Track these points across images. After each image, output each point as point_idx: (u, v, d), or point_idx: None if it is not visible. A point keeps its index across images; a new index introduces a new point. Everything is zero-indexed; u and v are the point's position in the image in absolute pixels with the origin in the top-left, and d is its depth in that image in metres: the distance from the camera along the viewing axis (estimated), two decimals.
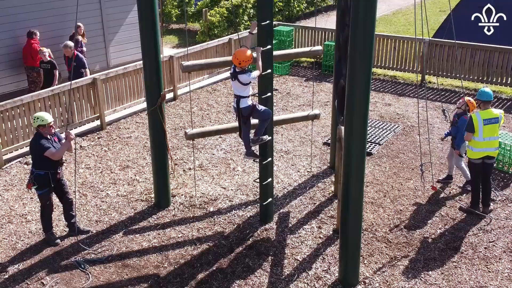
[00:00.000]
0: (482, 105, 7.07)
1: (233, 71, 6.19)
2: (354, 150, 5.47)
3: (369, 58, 5.12)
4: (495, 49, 11.70)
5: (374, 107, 11.17)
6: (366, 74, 5.17)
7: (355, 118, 5.33)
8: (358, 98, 5.28)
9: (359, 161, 5.50)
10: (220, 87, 12.55)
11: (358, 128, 5.38)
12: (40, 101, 9.05)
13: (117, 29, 12.97)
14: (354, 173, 5.54)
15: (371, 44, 5.07)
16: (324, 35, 13.91)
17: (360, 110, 5.30)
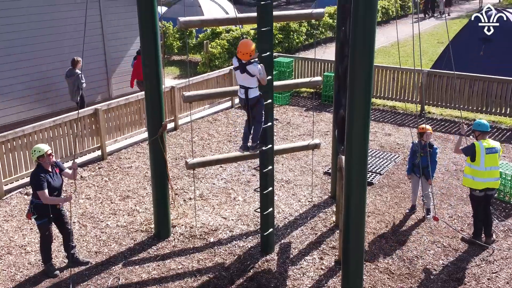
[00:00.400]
0: (480, 136, 7.08)
1: (240, 63, 6.06)
2: (355, 180, 5.47)
3: (368, 88, 5.18)
4: (493, 79, 11.81)
5: (374, 137, 11.21)
6: (366, 104, 5.22)
7: (355, 147, 5.36)
8: (358, 128, 5.31)
9: (360, 190, 5.50)
10: (221, 117, 12.63)
11: (358, 158, 5.39)
12: (42, 132, 9.09)
13: (119, 60, 13.14)
14: (355, 203, 5.53)
15: (370, 75, 5.14)
16: (323, 66, 14.07)
17: (360, 139, 5.33)
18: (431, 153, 7.52)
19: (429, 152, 7.48)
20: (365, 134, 5.34)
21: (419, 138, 7.67)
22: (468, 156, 7.00)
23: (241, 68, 6.06)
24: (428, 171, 7.39)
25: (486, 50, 13.69)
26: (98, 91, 12.70)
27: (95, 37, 12.41)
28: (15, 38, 11.02)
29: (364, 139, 5.34)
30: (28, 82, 11.40)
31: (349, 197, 5.53)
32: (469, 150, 6.98)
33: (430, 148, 7.60)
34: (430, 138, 7.71)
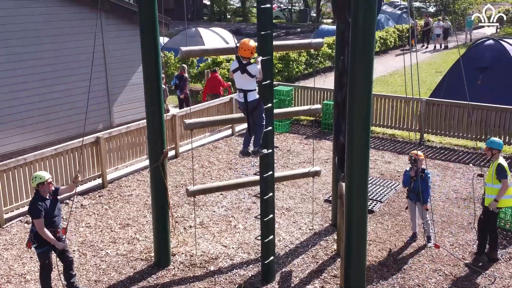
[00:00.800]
0: (497, 155, 7.17)
1: (240, 64, 6.02)
2: (355, 207, 5.48)
3: (367, 116, 5.24)
4: (492, 108, 11.91)
5: (374, 164, 11.24)
6: (365, 132, 5.27)
7: (355, 174, 5.39)
8: (358, 155, 5.35)
9: (360, 218, 5.50)
10: (221, 145, 12.68)
11: (358, 185, 5.42)
12: (43, 160, 9.13)
13: (121, 89, 13.27)
14: (356, 231, 5.52)
15: (369, 103, 5.21)
16: (323, 94, 14.22)
17: (360, 167, 5.36)
18: (423, 178, 7.60)
19: (422, 176, 7.57)
20: (365, 161, 5.38)
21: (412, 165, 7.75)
22: (506, 178, 7.00)
23: (241, 69, 6.03)
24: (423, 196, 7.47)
25: (484, 79, 13.84)
26: (100, 119, 12.78)
27: (98, 66, 12.55)
28: (16, 67, 11.13)
29: (364, 166, 5.38)
30: (30, 111, 11.47)
31: (350, 225, 5.53)
32: (504, 173, 6.99)
33: (423, 173, 7.66)
34: (423, 163, 7.78)
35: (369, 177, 5.60)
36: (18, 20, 11.01)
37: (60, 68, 11.91)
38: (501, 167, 7.02)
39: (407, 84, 6.33)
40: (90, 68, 11.97)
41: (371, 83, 5.18)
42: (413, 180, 7.65)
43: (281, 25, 42.18)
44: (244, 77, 6.07)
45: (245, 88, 6.14)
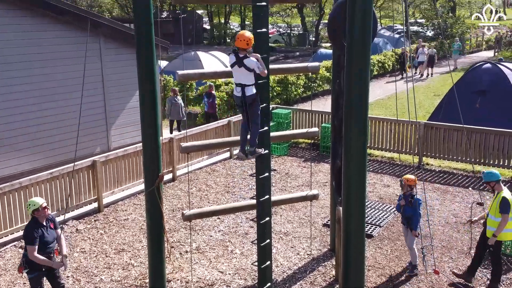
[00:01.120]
0: (497, 186, 7.01)
1: (237, 58, 5.92)
2: (353, 232, 5.38)
3: (363, 139, 5.19)
4: (490, 131, 11.88)
5: (373, 188, 11.16)
6: (362, 155, 5.21)
7: (353, 198, 5.30)
8: (355, 178, 5.28)
9: (358, 243, 5.40)
10: (219, 168, 12.61)
11: (356, 209, 5.33)
12: (39, 184, 9.05)
13: (118, 113, 13.26)
14: (354, 256, 5.41)
15: (366, 125, 5.16)
16: (321, 117, 14.21)
17: (357, 191, 5.28)
18: (412, 204, 7.51)
19: (411, 202, 7.49)
20: (362, 185, 5.30)
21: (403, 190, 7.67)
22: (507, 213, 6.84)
23: (238, 62, 5.93)
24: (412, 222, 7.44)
25: (482, 102, 13.85)
26: (97, 143, 12.74)
27: (96, 90, 12.58)
28: (13, 91, 11.12)
29: (361, 190, 5.30)
30: (27, 135, 11.42)
31: (347, 250, 5.42)
32: (507, 208, 6.81)
33: (412, 198, 7.56)
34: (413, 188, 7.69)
35: (367, 201, 5.52)
36: (16, 44, 11.05)
37: (58, 91, 11.91)
38: (506, 201, 6.82)
39: (406, 107, 6.31)
40: (89, 92, 12.09)
41: (367, 106, 5.14)
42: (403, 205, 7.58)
43: (280, 49, 42.54)
44: (241, 71, 5.97)
45: (243, 83, 6.03)
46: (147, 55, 6.66)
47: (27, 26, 11.24)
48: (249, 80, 6.01)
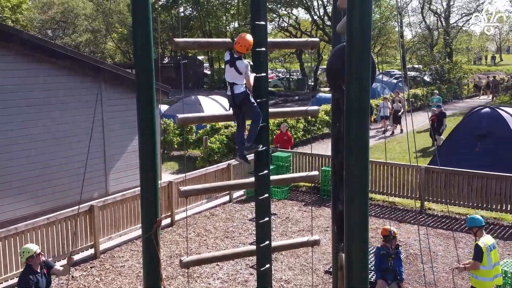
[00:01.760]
0: (479, 232, 7.03)
1: (231, 57, 5.90)
2: (356, 280, 5.22)
3: (365, 183, 5.10)
4: (491, 176, 11.79)
5: (375, 233, 10.97)
6: (363, 200, 5.11)
7: (355, 244, 5.16)
8: (357, 224, 5.15)
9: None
10: (219, 212, 12.45)
11: (358, 256, 5.18)
12: (35, 230, 8.89)
13: (118, 157, 13.23)
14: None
15: (366, 170, 5.09)
16: (321, 160, 14.17)
17: (359, 236, 5.15)
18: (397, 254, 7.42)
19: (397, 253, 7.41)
20: (364, 230, 5.17)
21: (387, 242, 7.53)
22: (479, 261, 6.82)
23: (231, 62, 5.91)
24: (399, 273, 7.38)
25: (482, 146, 13.85)
26: (95, 187, 12.63)
27: (95, 134, 12.59)
28: (13, 136, 11.11)
29: (363, 236, 5.17)
30: (26, 179, 11.33)
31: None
32: (479, 255, 6.82)
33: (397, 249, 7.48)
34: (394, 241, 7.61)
35: (370, 247, 5.38)
36: (17, 89, 11.12)
37: (56, 136, 11.90)
38: (478, 248, 6.92)
39: (406, 151, 6.26)
40: (88, 136, 12.07)
41: (367, 150, 5.09)
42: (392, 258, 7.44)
43: (279, 93, 43.03)
44: (232, 71, 5.93)
45: (231, 81, 5.99)
46: (146, 99, 6.66)
47: (28, 71, 11.35)
48: (238, 81, 5.95)
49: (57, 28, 53.26)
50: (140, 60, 6.24)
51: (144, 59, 6.22)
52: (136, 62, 6.30)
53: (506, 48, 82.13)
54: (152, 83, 6.60)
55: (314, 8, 43.72)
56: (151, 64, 6.29)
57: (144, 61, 6.23)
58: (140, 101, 6.70)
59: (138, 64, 6.29)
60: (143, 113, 6.74)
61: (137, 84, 6.57)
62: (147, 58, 6.24)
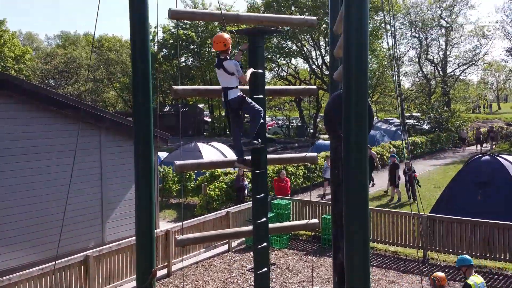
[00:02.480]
0: (468, 271, 7.24)
1: (218, 60, 5.79)
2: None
3: (365, 232, 4.97)
4: (494, 225, 11.60)
5: (377, 284, 10.68)
6: (364, 249, 4.97)
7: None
8: (358, 274, 4.99)
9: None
10: (217, 262, 12.17)
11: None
12: (29, 281, 8.65)
13: (115, 205, 13.07)
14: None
15: (367, 218, 4.98)
16: (321, 208, 13.99)
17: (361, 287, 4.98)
18: None
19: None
20: (366, 281, 5.01)
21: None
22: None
23: (218, 64, 5.80)
24: None
25: (484, 194, 13.72)
26: (92, 236, 12.41)
27: (93, 182, 12.50)
28: (4, 184, 10.98)
29: (365, 287, 5.00)
30: (22, 228, 11.14)
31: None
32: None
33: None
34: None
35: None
36: (17, 137, 11.10)
37: (56, 184, 11.79)
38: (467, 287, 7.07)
39: (407, 199, 6.16)
40: (86, 184, 11.97)
41: (367, 198, 5.00)
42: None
43: (279, 140, 43.18)
44: (222, 74, 5.83)
45: (224, 86, 5.88)
46: (144, 147, 6.64)
47: (27, 119, 11.36)
48: (230, 83, 5.82)
49: (59, 77, 54.14)
50: (138, 108, 6.25)
51: (142, 107, 6.23)
52: (135, 109, 6.31)
53: (503, 96, 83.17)
54: (150, 131, 6.58)
55: (312, 58, 44.57)
56: (150, 112, 6.30)
57: (142, 108, 6.24)
58: (137, 149, 6.67)
59: (137, 111, 6.29)
60: (140, 160, 6.70)
61: (136, 132, 6.56)
62: (145, 106, 6.25)
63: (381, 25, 41.46)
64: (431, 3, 46.00)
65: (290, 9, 40.39)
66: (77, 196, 11.78)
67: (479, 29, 46.76)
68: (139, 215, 6.76)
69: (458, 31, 47.53)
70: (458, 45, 48.50)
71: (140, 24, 5.87)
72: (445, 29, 46.94)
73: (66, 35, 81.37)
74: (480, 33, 46.78)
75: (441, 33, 47.42)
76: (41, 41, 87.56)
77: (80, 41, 74.37)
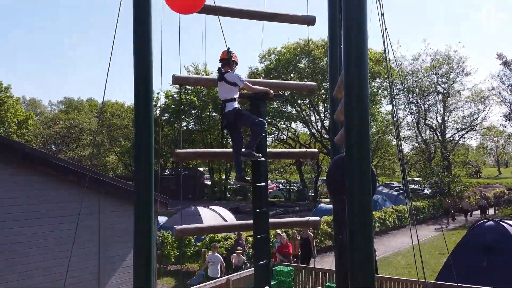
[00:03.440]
0: None
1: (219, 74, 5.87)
2: None
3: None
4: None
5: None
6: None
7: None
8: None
9: None
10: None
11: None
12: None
13: (113, 272, 12.75)
14: None
15: (373, 286, 4.83)
16: (325, 275, 13.63)
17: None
18: None
19: None
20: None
21: None
22: None
23: (220, 78, 5.85)
24: None
25: (489, 261, 13.41)
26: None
27: (90, 248, 12.27)
28: (6, 243, 10.80)
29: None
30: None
31: None
32: None
33: None
34: None
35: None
36: (17, 202, 11.00)
37: (54, 250, 11.55)
38: None
39: (411, 266, 6.00)
40: (83, 251, 11.73)
41: (373, 265, 4.87)
42: None
43: (279, 203, 42.88)
44: (222, 86, 5.87)
45: (223, 98, 5.89)
46: (145, 212, 6.57)
47: (27, 184, 11.30)
48: (229, 95, 5.85)
49: (61, 142, 54.64)
50: (139, 173, 6.23)
51: (143, 172, 6.22)
52: (136, 174, 6.29)
53: (503, 161, 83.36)
54: (150, 196, 6.53)
55: (311, 122, 45.18)
56: (150, 177, 6.28)
57: (143, 174, 6.22)
58: (137, 213, 6.60)
59: (138, 176, 6.27)
60: (139, 225, 6.61)
61: (136, 196, 6.50)
62: (146, 171, 6.24)
63: (378, 91, 42.40)
64: (428, 70, 47.17)
65: (289, 75, 41.43)
66: (74, 261, 11.48)
67: (476, 95, 47.66)
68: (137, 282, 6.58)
69: (455, 97, 48.41)
70: (456, 111, 49.22)
71: (145, 91, 5.98)
72: (442, 95, 47.85)
73: (69, 101, 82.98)
74: (477, 99, 47.62)
75: (439, 99, 48.29)
76: (44, 106, 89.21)
77: (83, 106, 75.78)
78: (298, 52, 41.40)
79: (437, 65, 46.48)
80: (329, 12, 7.31)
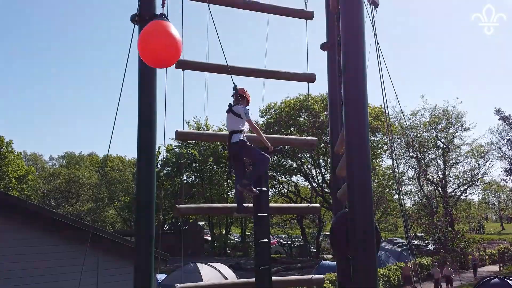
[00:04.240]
0: None
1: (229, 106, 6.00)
2: None
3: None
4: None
5: None
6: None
7: None
8: None
9: None
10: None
11: None
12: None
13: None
14: None
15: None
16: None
17: None
18: None
19: None
20: None
21: None
22: None
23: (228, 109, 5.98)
24: None
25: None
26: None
27: (90, 285, 12.00)
28: None
29: None
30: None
31: None
32: None
33: None
34: None
35: None
36: (17, 258, 10.85)
37: None
38: None
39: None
40: None
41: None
42: None
43: (281, 259, 42.08)
44: (230, 117, 5.97)
45: (230, 129, 5.95)
46: (144, 270, 6.47)
47: (27, 240, 11.20)
48: (235, 126, 5.94)
49: (60, 197, 54.36)
50: (140, 231, 6.17)
51: (144, 230, 6.16)
52: (137, 232, 6.22)
53: (506, 217, 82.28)
54: (151, 253, 6.43)
55: (312, 175, 45.11)
56: (151, 232, 6.22)
57: (144, 231, 6.16)
58: (137, 271, 6.48)
59: (138, 234, 6.20)
60: (138, 284, 6.48)
61: (136, 253, 6.40)
62: (147, 226, 6.18)
63: (378, 145, 42.59)
64: (427, 125, 47.55)
65: (289, 129, 41.79)
66: None
67: (476, 150, 47.78)
68: None
69: (455, 151, 48.52)
70: (456, 165, 49.17)
71: (147, 146, 6.01)
72: (442, 149, 48.00)
73: (70, 156, 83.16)
74: (477, 154, 47.69)
75: (439, 153, 48.37)
76: (45, 161, 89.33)
77: (84, 161, 75.89)
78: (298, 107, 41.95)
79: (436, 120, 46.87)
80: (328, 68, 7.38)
